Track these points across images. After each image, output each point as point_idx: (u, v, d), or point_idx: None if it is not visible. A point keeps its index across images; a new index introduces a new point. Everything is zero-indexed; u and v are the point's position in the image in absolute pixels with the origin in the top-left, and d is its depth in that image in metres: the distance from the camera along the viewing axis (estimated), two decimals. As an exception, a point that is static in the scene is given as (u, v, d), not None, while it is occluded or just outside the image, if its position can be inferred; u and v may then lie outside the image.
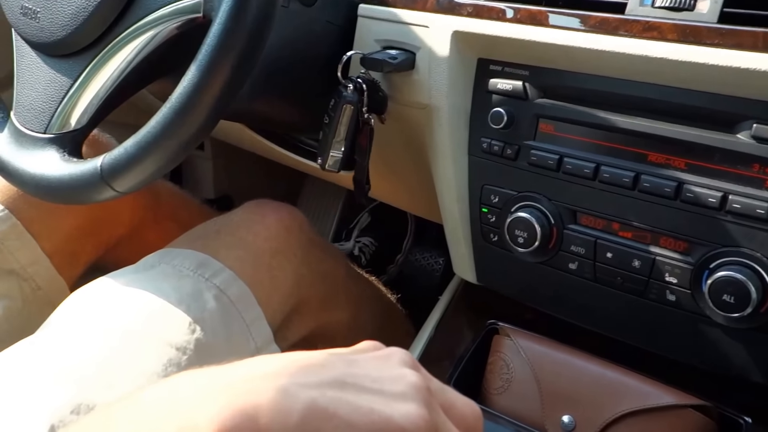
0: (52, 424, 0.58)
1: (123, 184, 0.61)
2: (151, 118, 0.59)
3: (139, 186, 0.62)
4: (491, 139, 0.71)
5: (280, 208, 0.82)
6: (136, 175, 0.60)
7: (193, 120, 0.58)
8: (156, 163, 0.59)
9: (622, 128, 0.64)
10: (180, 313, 0.66)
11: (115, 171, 0.60)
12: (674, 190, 0.62)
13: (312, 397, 0.35)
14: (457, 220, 0.77)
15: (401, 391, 0.38)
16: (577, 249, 0.69)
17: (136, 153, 0.59)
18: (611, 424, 0.68)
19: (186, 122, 0.58)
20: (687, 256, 0.63)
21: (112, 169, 0.60)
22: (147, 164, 0.59)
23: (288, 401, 0.35)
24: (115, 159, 0.60)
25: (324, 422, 0.35)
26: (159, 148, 0.58)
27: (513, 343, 0.75)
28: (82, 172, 0.62)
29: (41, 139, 0.68)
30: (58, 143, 0.67)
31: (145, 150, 0.59)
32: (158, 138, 0.58)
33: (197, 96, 0.57)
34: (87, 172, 0.62)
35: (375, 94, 0.75)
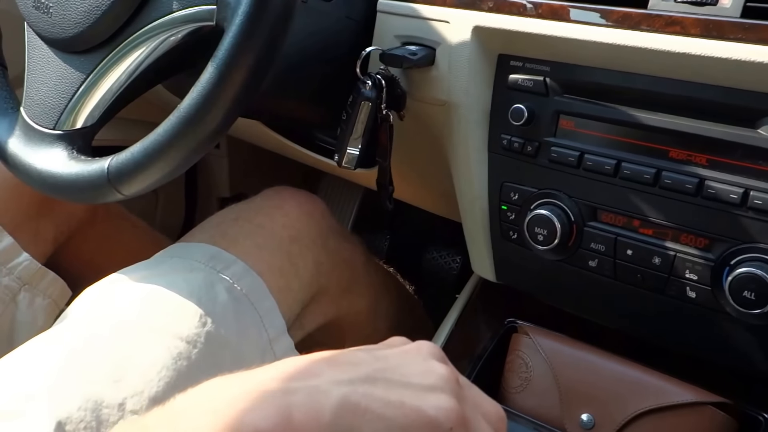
0: (59, 420, 0.57)
1: (129, 188, 0.61)
2: (159, 124, 0.59)
3: (144, 190, 0.61)
4: (511, 136, 0.71)
5: (299, 195, 0.82)
6: (142, 181, 0.60)
7: (201, 130, 0.57)
8: (162, 170, 0.59)
9: (643, 124, 0.64)
10: (191, 306, 0.66)
11: (122, 174, 0.60)
12: (695, 186, 0.61)
13: (344, 393, 0.36)
14: (477, 218, 0.77)
15: (431, 384, 0.38)
16: (597, 246, 0.68)
17: (142, 159, 0.59)
18: (631, 422, 0.68)
19: (194, 132, 0.57)
20: (708, 252, 0.62)
21: (119, 173, 0.60)
22: (153, 171, 0.59)
23: (320, 399, 0.35)
24: (121, 163, 0.60)
25: (357, 417, 0.35)
26: (165, 156, 0.58)
27: (532, 342, 0.75)
28: (89, 173, 0.62)
29: (50, 136, 0.68)
30: (67, 140, 0.67)
31: (151, 157, 0.58)
32: (164, 146, 0.58)
33: (206, 107, 0.56)
34: (94, 173, 0.62)
35: (394, 90, 0.75)
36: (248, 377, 0.39)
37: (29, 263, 0.83)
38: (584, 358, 0.72)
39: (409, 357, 0.40)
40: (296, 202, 0.80)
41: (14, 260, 0.82)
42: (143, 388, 0.60)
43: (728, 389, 0.67)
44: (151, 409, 0.58)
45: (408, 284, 1.10)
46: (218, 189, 1.50)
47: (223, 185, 1.48)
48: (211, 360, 0.64)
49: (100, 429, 0.58)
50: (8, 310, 0.81)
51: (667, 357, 0.71)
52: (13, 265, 0.82)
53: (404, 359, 0.40)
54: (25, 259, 0.83)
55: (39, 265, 0.83)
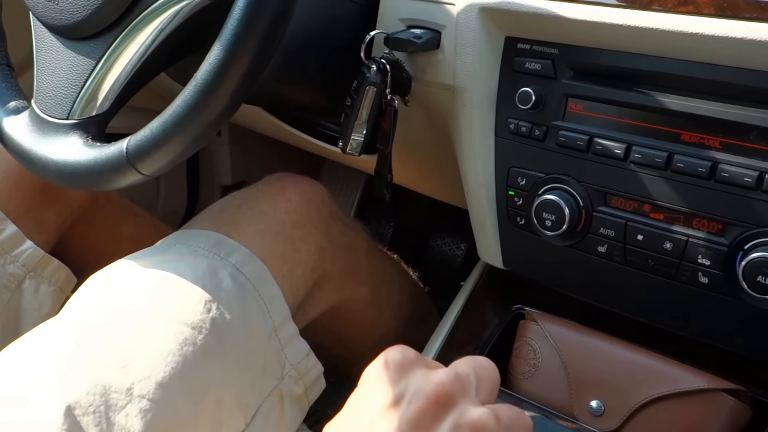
0: (68, 405, 0.58)
1: (149, 166, 0.60)
2: (174, 99, 0.58)
3: (164, 168, 0.61)
4: (518, 120, 0.70)
5: (301, 181, 0.81)
6: (163, 157, 0.59)
7: (218, 98, 0.56)
8: (182, 144, 0.58)
9: (655, 107, 0.62)
10: (195, 292, 0.66)
11: (141, 153, 0.60)
12: (708, 169, 0.60)
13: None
14: (483, 204, 0.76)
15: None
16: (607, 232, 0.67)
17: (162, 134, 0.58)
18: (640, 409, 0.68)
19: (212, 100, 0.57)
20: (721, 237, 0.61)
21: (138, 151, 0.60)
22: (173, 145, 0.58)
23: None
24: (140, 141, 0.59)
25: None
26: (185, 127, 0.57)
27: (540, 328, 0.74)
28: (107, 156, 0.61)
29: (64, 125, 0.67)
30: (82, 128, 0.66)
31: (171, 131, 0.58)
32: (184, 117, 0.57)
33: (223, 73, 0.56)
34: (113, 156, 0.61)
35: (399, 75, 0.74)
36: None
37: (33, 251, 0.82)
38: (593, 345, 0.71)
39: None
40: (298, 189, 0.80)
41: (18, 248, 0.82)
42: (150, 373, 0.60)
43: (740, 375, 0.66)
44: (158, 393, 0.60)
45: (413, 271, 1.09)
46: (220, 177, 1.49)
47: (225, 173, 1.48)
48: (217, 345, 0.64)
49: (108, 413, 0.59)
50: (14, 297, 0.81)
51: (677, 343, 0.70)
52: (17, 252, 0.82)
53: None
54: (29, 247, 0.82)
55: (43, 253, 0.83)
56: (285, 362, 0.70)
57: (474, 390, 0.44)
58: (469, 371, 0.44)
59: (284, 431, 0.70)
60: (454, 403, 0.42)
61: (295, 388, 0.71)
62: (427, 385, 0.42)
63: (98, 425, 0.58)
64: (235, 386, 0.66)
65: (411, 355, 0.44)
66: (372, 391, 0.43)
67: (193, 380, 0.63)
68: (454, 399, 0.42)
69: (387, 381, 0.43)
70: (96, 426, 0.58)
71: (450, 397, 0.42)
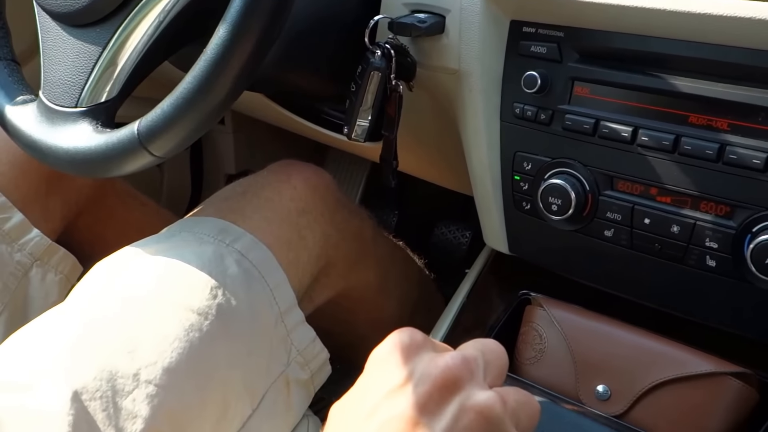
0: (75, 390, 0.59)
1: (161, 146, 0.60)
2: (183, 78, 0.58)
3: (176, 148, 0.60)
4: (524, 104, 0.69)
5: (306, 169, 0.81)
6: (175, 136, 0.59)
7: (229, 71, 0.56)
8: (194, 121, 0.58)
9: (662, 89, 0.62)
10: (201, 278, 0.66)
11: (153, 133, 0.59)
12: (716, 152, 0.60)
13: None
14: (488, 189, 0.76)
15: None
16: (613, 215, 0.67)
17: (173, 112, 0.58)
18: (647, 393, 0.67)
19: (222, 74, 0.56)
20: (729, 220, 0.61)
21: (150, 132, 0.59)
22: (185, 122, 0.58)
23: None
24: (152, 121, 0.59)
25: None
26: (197, 104, 0.57)
27: (546, 313, 0.74)
28: (118, 139, 0.61)
29: (73, 114, 0.66)
30: (91, 115, 0.66)
31: (183, 108, 0.57)
32: (195, 93, 0.57)
33: (233, 46, 0.55)
34: (124, 138, 0.61)
35: (403, 59, 0.74)
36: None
37: (40, 239, 0.83)
38: (599, 329, 0.71)
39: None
40: (303, 176, 0.80)
41: (25, 236, 0.82)
42: (157, 358, 0.61)
43: (748, 359, 0.66)
44: (164, 379, 0.60)
45: (418, 258, 1.09)
46: (224, 166, 1.49)
47: (228, 162, 1.47)
48: (223, 331, 0.64)
49: (115, 398, 0.59)
50: (21, 285, 0.81)
51: (685, 328, 0.70)
52: (24, 241, 0.82)
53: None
54: (36, 235, 0.83)
55: (50, 241, 0.83)
56: (291, 348, 0.70)
57: (481, 373, 0.44)
58: (476, 354, 0.44)
59: (291, 417, 0.70)
60: (461, 386, 0.42)
61: (301, 373, 0.71)
62: (434, 368, 0.42)
63: (105, 410, 0.59)
64: (241, 372, 0.66)
65: (419, 337, 0.44)
66: (378, 373, 0.43)
67: (200, 366, 0.63)
68: (461, 382, 0.42)
69: (394, 363, 0.43)
70: (103, 411, 0.59)
71: (456, 381, 0.42)
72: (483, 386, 0.43)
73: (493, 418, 0.41)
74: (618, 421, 0.67)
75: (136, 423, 0.59)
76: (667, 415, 0.66)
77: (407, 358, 0.43)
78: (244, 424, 0.66)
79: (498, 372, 0.46)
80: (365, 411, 0.42)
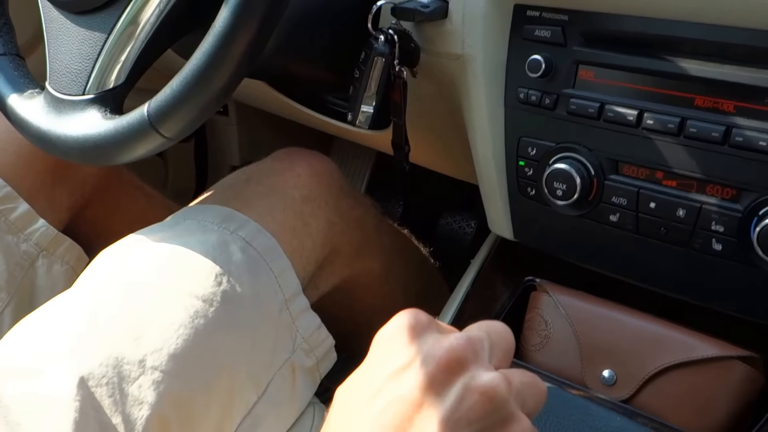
0: (81, 377, 0.59)
1: (172, 127, 0.60)
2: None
3: (187, 128, 0.60)
4: (528, 89, 0.69)
5: (309, 156, 0.81)
6: (186, 115, 0.59)
7: (237, 47, 0.56)
8: (204, 98, 0.58)
9: (667, 72, 0.62)
10: (206, 265, 0.66)
11: (163, 113, 0.59)
12: (722, 134, 0.59)
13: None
14: (493, 175, 0.76)
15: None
16: (619, 200, 0.67)
17: (183, 90, 0.58)
18: (653, 378, 0.67)
19: (232, 48, 0.56)
20: (735, 203, 0.61)
21: (160, 112, 0.59)
22: (195, 101, 0.58)
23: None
24: (161, 101, 0.59)
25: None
26: (206, 80, 0.57)
27: (551, 299, 0.74)
28: (128, 123, 0.61)
29: (81, 102, 0.66)
30: (99, 102, 0.66)
31: (193, 85, 0.57)
32: (205, 70, 0.57)
33: (239, 22, 0.55)
34: (134, 122, 0.60)
35: (407, 45, 0.74)
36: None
37: (46, 229, 0.83)
38: (605, 315, 0.71)
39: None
40: (307, 163, 0.79)
41: (31, 226, 0.82)
42: (162, 345, 0.61)
43: (754, 343, 0.66)
44: (170, 365, 0.60)
45: (423, 247, 1.09)
46: (228, 158, 1.48)
47: (233, 154, 1.47)
48: (228, 318, 0.64)
49: (121, 385, 0.59)
50: (27, 276, 0.82)
51: (691, 313, 0.69)
52: (30, 231, 0.82)
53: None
54: (42, 226, 0.83)
55: (56, 231, 0.84)
56: (296, 335, 0.70)
57: (486, 355, 0.43)
58: (482, 336, 0.44)
59: (296, 403, 0.71)
60: (465, 367, 0.41)
61: (306, 360, 0.71)
62: (438, 349, 0.42)
63: (112, 396, 0.59)
64: (246, 358, 0.66)
65: (423, 318, 0.44)
66: (383, 354, 0.43)
67: (205, 352, 0.63)
68: (466, 363, 0.41)
69: (399, 344, 0.43)
70: (109, 397, 0.59)
71: (461, 362, 0.41)
72: (488, 367, 0.42)
73: (498, 399, 0.40)
74: (624, 406, 0.67)
75: (143, 409, 0.59)
76: (673, 400, 0.66)
77: (412, 339, 0.43)
78: (249, 411, 0.66)
79: (504, 353, 0.45)
80: (370, 392, 0.42)
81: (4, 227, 0.80)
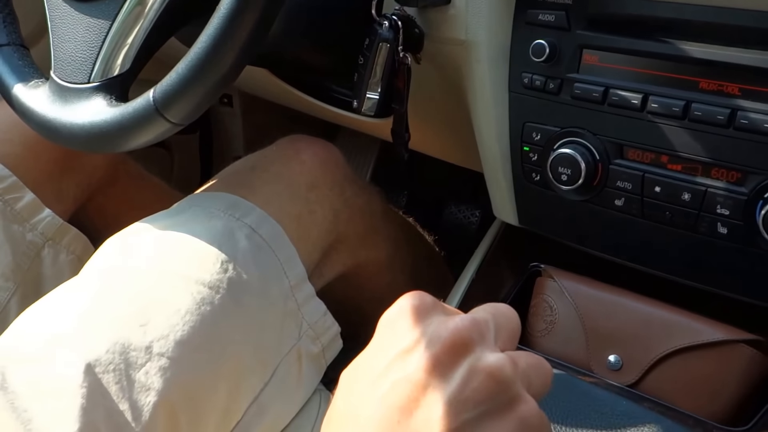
0: (88, 363, 0.59)
1: (178, 112, 0.60)
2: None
3: (194, 113, 0.60)
4: (533, 74, 0.69)
5: (314, 143, 0.81)
6: (192, 99, 0.59)
7: (243, 29, 0.56)
8: (210, 81, 0.58)
9: (672, 55, 0.61)
10: (212, 252, 0.66)
11: (169, 98, 0.59)
12: (727, 117, 0.59)
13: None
14: (498, 161, 0.76)
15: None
16: (624, 184, 0.66)
17: (188, 74, 0.57)
18: (659, 362, 0.67)
19: (236, 31, 0.56)
20: (740, 186, 0.61)
21: (166, 97, 0.59)
22: (202, 83, 0.58)
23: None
24: (167, 85, 0.59)
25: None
26: (212, 63, 0.57)
27: (556, 285, 0.74)
28: (134, 109, 0.61)
29: (86, 89, 0.66)
30: (105, 90, 0.66)
31: (199, 68, 0.57)
32: (210, 52, 0.57)
33: (245, 3, 0.55)
34: (139, 108, 0.60)
35: (411, 31, 0.73)
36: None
37: (52, 219, 0.83)
38: (611, 300, 0.71)
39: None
40: (312, 151, 0.80)
41: (37, 216, 0.82)
42: (169, 331, 0.61)
43: (759, 326, 0.66)
44: (177, 352, 0.60)
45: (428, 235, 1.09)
46: (233, 148, 1.49)
47: (238, 145, 1.48)
48: (234, 305, 0.65)
49: (128, 371, 0.59)
50: (33, 265, 0.82)
51: (696, 299, 0.69)
52: (36, 220, 0.82)
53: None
54: (48, 215, 0.83)
55: (61, 221, 0.84)
56: (302, 322, 0.70)
57: (492, 336, 0.43)
58: (487, 317, 0.44)
59: (302, 390, 0.71)
60: (471, 348, 0.41)
61: (312, 347, 0.71)
62: (444, 330, 0.42)
63: (119, 383, 0.59)
64: (253, 345, 0.66)
65: (429, 300, 0.44)
66: (388, 336, 0.43)
67: (212, 339, 0.63)
68: (471, 345, 0.41)
69: (404, 326, 0.43)
70: (116, 383, 0.59)
71: (466, 343, 0.41)
72: (493, 349, 0.42)
73: (503, 380, 0.40)
74: (630, 390, 0.67)
75: (149, 395, 0.59)
76: (679, 384, 0.66)
77: (417, 321, 0.43)
78: (256, 397, 0.66)
79: (509, 336, 0.45)
80: (375, 373, 0.42)
81: (10, 217, 0.80)
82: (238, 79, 0.62)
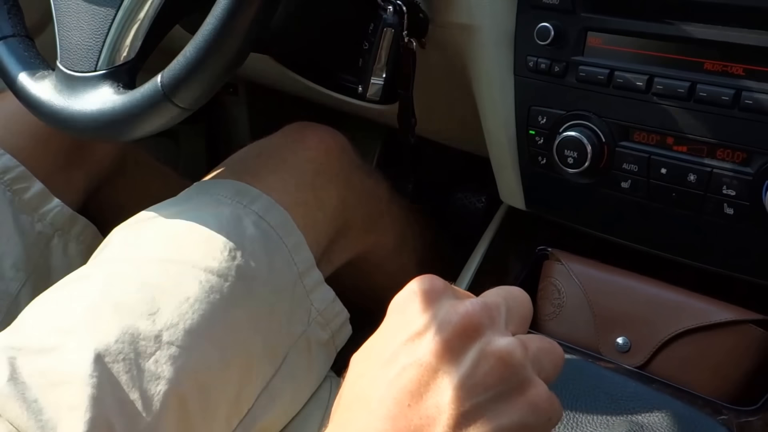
0: (98, 353, 0.59)
1: (186, 96, 0.59)
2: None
3: (202, 97, 0.60)
4: (537, 57, 0.69)
5: (320, 130, 0.81)
6: (200, 83, 0.59)
7: (249, 9, 0.56)
8: (217, 65, 0.58)
9: (676, 36, 0.61)
10: (220, 240, 0.66)
11: (177, 82, 0.59)
12: (732, 98, 0.59)
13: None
14: (504, 146, 0.76)
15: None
16: (630, 167, 0.66)
17: (196, 57, 0.57)
18: (667, 344, 0.68)
19: (243, 12, 0.56)
20: (746, 166, 0.60)
21: (174, 81, 0.59)
22: (209, 67, 0.58)
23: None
24: (175, 70, 0.59)
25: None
26: (219, 47, 0.57)
27: (564, 268, 0.74)
28: (142, 95, 0.61)
29: (93, 77, 0.66)
30: (112, 77, 0.66)
31: (206, 51, 0.57)
32: (217, 34, 0.56)
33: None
34: (147, 93, 0.60)
35: (415, 16, 0.73)
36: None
37: (61, 209, 0.83)
38: (618, 282, 0.71)
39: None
40: (318, 137, 0.80)
41: (46, 206, 0.83)
42: (178, 320, 0.61)
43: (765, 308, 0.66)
44: (186, 340, 0.60)
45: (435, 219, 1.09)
46: (239, 137, 1.49)
47: (243, 133, 1.47)
48: (243, 293, 0.65)
49: (138, 360, 0.59)
50: (43, 255, 0.82)
51: (703, 280, 0.69)
52: (44, 211, 0.83)
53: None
54: (57, 205, 0.83)
55: (70, 211, 0.84)
56: (311, 308, 0.71)
57: (503, 320, 0.43)
58: (498, 301, 0.43)
59: (312, 377, 0.71)
60: (481, 332, 0.41)
61: (321, 334, 0.72)
62: (454, 314, 0.42)
63: (128, 372, 0.59)
64: (262, 333, 0.66)
65: (439, 284, 0.44)
66: (399, 320, 0.43)
67: (221, 327, 0.64)
68: (481, 328, 0.41)
69: (414, 310, 0.43)
70: (126, 373, 0.59)
71: (477, 327, 0.41)
72: (504, 333, 0.42)
73: (514, 364, 0.40)
74: (639, 372, 0.68)
75: (160, 384, 0.59)
76: (688, 365, 0.66)
77: (428, 305, 0.43)
78: (266, 385, 0.66)
79: (520, 319, 0.45)
80: (385, 357, 0.42)
81: (19, 207, 0.81)
82: (243, 66, 0.62)
